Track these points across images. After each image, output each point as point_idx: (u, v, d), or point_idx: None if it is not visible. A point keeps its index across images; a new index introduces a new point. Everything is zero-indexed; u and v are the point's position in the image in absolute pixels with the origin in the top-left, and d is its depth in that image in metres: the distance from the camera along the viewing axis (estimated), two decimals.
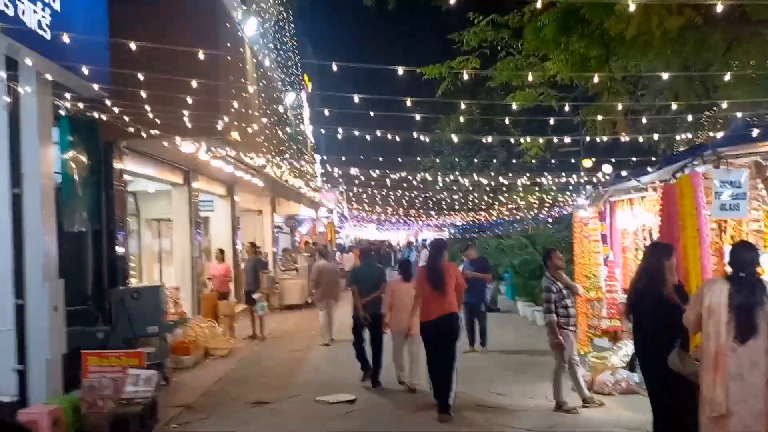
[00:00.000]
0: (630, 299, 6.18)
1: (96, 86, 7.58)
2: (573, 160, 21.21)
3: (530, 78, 9.03)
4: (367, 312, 10.00)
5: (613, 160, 13.06)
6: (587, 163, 22.63)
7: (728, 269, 5.59)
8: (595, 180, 13.77)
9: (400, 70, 7.04)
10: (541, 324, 14.81)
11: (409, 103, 8.41)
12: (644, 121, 10.72)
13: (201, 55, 7.12)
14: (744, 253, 5.24)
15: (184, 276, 13.90)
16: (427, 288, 8.31)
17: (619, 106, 10.16)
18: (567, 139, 11.80)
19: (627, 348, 9.15)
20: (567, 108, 10.02)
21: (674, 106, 8.56)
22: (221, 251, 15.46)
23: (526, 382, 9.63)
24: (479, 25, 11.96)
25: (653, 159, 12.34)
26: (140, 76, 8.09)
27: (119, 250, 10.50)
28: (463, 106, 9.69)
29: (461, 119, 17.95)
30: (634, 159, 12.17)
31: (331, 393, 9.20)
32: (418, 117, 10.02)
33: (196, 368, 11.27)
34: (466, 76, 9.82)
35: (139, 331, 9.49)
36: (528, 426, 7.60)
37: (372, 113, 9.57)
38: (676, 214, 6.90)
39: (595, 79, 7.81)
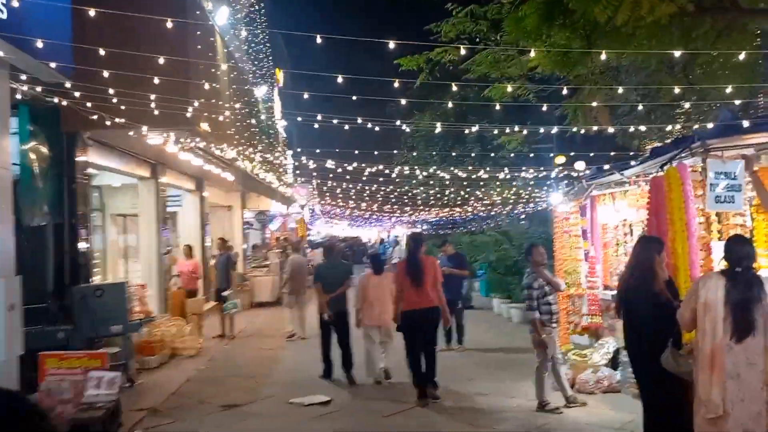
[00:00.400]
0: (620, 295, 5.95)
1: (53, 64, 7.10)
2: (552, 154, 21.12)
3: (533, 52, 8.64)
4: (332, 309, 9.88)
5: (591, 154, 12.91)
6: (560, 159, 22.59)
7: (721, 264, 5.40)
8: (574, 174, 13.60)
9: (391, 43, 6.72)
10: (516, 321, 14.75)
11: (383, 88, 8.15)
12: (641, 107, 10.49)
13: (169, 24, 6.71)
14: (740, 248, 5.02)
15: (150, 273, 13.45)
16: (405, 281, 8.52)
17: (620, 90, 9.86)
18: (555, 129, 11.57)
19: (608, 345, 8.96)
20: (566, 91, 9.80)
21: (676, 89, 8.31)
22: (189, 247, 15.01)
23: (506, 380, 9.42)
24: (457, 16, 11.68)
25: (631, 154, 12.20)
26: (105, 63, 7.71)
27: (82, 245, 10.07)
28: (455, 88, 9.45)
29: (450, 105, 17.61)
30: (612, 153, 12.00)
31: (304, 394, 8.88)
32: (403, 101, 9.80)
33: (162, 369, 10.86)
34: (463, 51, 9.48)
35: (102, 331, 9.12)
36: (514, 428, 7.37)
37: (353, 97, 9.38)
38: (664, 208, 6.68)
39: (603, 55, 7.49)
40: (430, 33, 12.01)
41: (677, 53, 7.52)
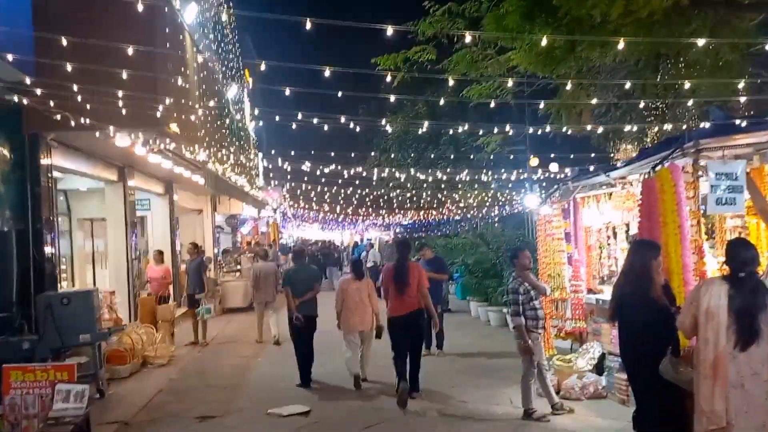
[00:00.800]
0: (615, 301, 5.74)
1: (10, 56, 6.70)
2: (531, 155, 21.04)
3: (545, 40, 8.27)
4: (301, 313, 9.81)
5: (572, 156, 12.78)
6: (534, 161, 22.55)
7: (717, 269, 5.24)
8: (555, 176, 13.46)
9: (391, 31, 6.44)
10: (495, 324, 14.60)
11: (358, 91, 7.89)
12: (642, 104, 10.28)
13: (139, 6, 6.35)
14: (743, 252, 4.82)
15: (119, 279, 13.00)
16: (391, 287, 8.65)
17: (628, 84, 9.66)
18: (547, 128, 11.38)
19: (593, 350, 8.79)
20: (570, 86, 9.64)
21: (687, 85, 8.13)
22: (160, 252, 14.54)
23: (488, 387, 9.19)
24: (435, 15, 11.44)
25: (611, 155, 12.10)
26: (69, 60, 7.32)
27: (47, 251, 9.64)
28: (451, 82, 9.30)
29: (442, 102, 17.29)
30: (592, 155, 11.88)
31: (282, 404, 8.55)
32: (392, 98, 9.61)
33: (133, 379, 10.44)
34: (468, 38, 9.18)
35: (70, 341, 8.69)
36: None
37: (339, 93, 9.18)
38: (656, 210, 6.51)
39: (624, 49, 7.27)
40: (407, 32, 11.79)
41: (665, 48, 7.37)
